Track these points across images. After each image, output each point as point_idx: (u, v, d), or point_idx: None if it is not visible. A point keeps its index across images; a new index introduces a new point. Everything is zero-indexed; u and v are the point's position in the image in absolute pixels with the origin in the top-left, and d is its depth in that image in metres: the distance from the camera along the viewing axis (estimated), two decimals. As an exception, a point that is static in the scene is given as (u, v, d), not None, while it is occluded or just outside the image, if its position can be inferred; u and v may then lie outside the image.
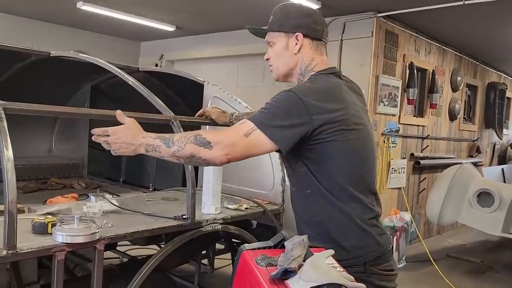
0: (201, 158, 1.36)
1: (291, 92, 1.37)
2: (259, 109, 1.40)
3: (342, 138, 1.39)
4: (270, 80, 5.56)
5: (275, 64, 1.58)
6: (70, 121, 3.56)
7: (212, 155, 1.34)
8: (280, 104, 1.36)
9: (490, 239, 5.57)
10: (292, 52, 1.52)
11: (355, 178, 1.44)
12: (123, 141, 1.46)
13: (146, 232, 1.68)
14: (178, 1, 4.52)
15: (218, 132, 1.40)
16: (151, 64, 6.44)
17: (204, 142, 1.34)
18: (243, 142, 1.34)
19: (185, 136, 1.38)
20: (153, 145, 1.42)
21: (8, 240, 1.29)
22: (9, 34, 5.31)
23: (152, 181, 3.00)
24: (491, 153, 7.71)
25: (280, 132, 1.33)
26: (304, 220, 1.52)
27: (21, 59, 2.88)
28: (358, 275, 1.37)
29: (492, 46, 5.64)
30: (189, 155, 1.37)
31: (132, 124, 1.50)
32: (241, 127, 1.35)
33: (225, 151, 1.33)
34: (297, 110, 1.34)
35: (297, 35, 1.51)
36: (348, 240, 1.43)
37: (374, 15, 4.34)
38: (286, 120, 1.34)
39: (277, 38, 1.55)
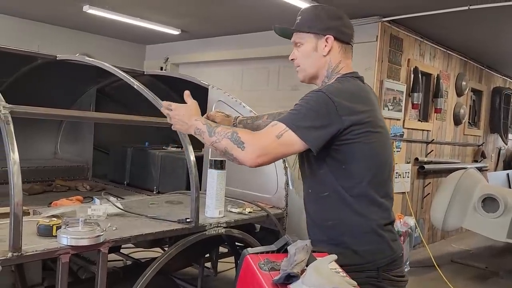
0: (233, 156, 1.40)
1: (321, 92, 1.39)
2: (289, 110, 1.42)
3: (367, 140, 1.41)
4: (274, 84, 5.57)
5: (303, 65, 1.57)
6: (75, 124, 3.57)
7: (244, 156, 1.37)
8: (310, 104, 1.38)
9: (495, 245, 5.53)
10: (321, 54, 1.53)
11: (376, 182, 1.45)
12: (180, 118, 1.57)
13: (150, 235, 1.69)
14: (184, 5, 4.54)
15: (253, 134, 1.42)
16: (156, 67, 6.47)
17: (238, 141, 1.37)
18: (275, 144, 1.36)
19: (225, 130, 1.43)
20: (200, 130, 1.50)
21: (13, 242, 1.30)
22: (15, 37, 5.36)
23: (156, 184, 3.01)
24: (496, 158, 7.67)
25: (311, 132, 1.35)
26: (317, 223, 1.52)
27: (28, 62, 2.90)
28: (370, 280, 1.41)
29: (497, 51, 5.62)
30: (223, 150, 1.42)
31: (192, 106, 1.61)
32: (273, 129, 1.37)
33: (256, 154, 1.36)
34: (327, 111, 1.36)
35: (328, 38, 1.51)
36: (362, 245, 1.43)
37: (379, 20, 4.34)
38: (317, 121, 1.35)
39: (306, 39, 1.54)
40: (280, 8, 4.17)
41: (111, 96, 3.63)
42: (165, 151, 3.11)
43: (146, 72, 3.31)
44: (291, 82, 5.28)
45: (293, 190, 2.32)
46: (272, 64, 5.52)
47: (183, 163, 2.78)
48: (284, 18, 4.75)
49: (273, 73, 5.57)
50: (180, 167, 2.85)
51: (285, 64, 5.39)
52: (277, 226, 2.18)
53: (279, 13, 4.35)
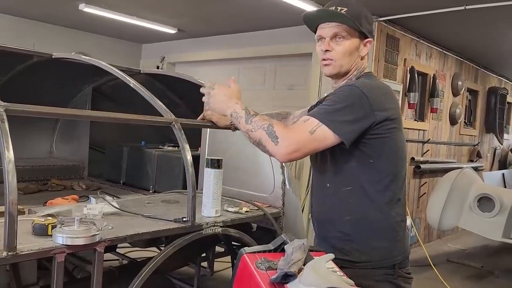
0: (266, 148, 1.41)
1: (354, 87, 1.40)
2: (321, 105, 1.43)
3: (394, 136, 1.44)
4: (270, 83, 5.57)
5: (341, 61, 1.50)
6: (71, 123, 3.55)
7: (277, 151, 1.38)
8: (344, 98, 1.39)
9: (490, 244, 5.56)
10: (360, 54, 1.53)
11: (398, 178, 1.48)
12: (221, 98, 1.58)
13: (146, 234, 1.68)
14: (180, 4, 4.53)
15: (287, 129, 1.41)
16: (153, 66, 6.45)
17: (273, 135, 1.37)
18: (308, 140, 1.36)
19: (262, 121, 1.42)
20: (238, 113, 1.50)
21: (8, 242, 1.29)
22: (11, 35, 5.33)
23: (152, 183, 3.00)
24: (491, 158, 7.70)
25: (345, 126, 1.36)
26: (332, 219, 1.50)
27: (23, 61, 2.88)
28: (387, 277, 1.43)
29: (493, 51, 5.65)
30: (257, 140, 1.42)
31: (235, 89, 1.61)
32: (306, 125, 1.37)
33: (289, 150, 1.36)
34: (361, 104, 1.37)
35: (369, 41, 1.53)
36: (381, 241, 1.44)
37: (375, 19, 4.35)
38: (351, 115, 1.36)
39: (352, 35, 1.48)
40: (276, 8, 4.16)
41: (107, 94, 3.61)
42: (161, 150, 3.10)
43: (142, 70, 3.30)
44: (288, 82, 5.28)
45: (290, 190, 2.32)
46: (269, 64, 5.52)
47: (179, 162, 2.78)
48: (279, 18, 4.77)
49: (269, 72, 5.57)
50: (176, 166, 2.84)
51: (281, 63, 5.39)
52: (274, 226, 2.18)
53: (275, 12, 4.35)
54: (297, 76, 5.17)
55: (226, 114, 1.58)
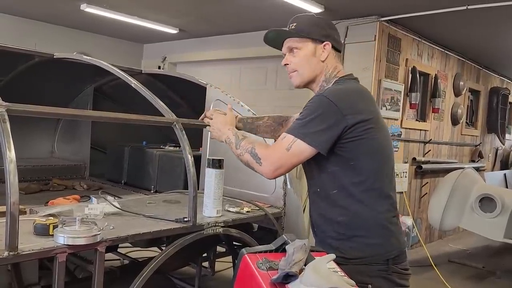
0: (254, 169, 1.54)
1: (322, 96, 1.48)
2: (295, 120, 1.52)
3: (371, 136, 1.48)
4: (272, 83, 5.57)
5: (301, 70, 1.63)
6: (72, 123, 3.56)
7: (262, 171, 1.52)
8: (314, 109, 1.46)
9: (492, 245, 5.55)
10: (319, 59, 1.61)
11: (383, 175, 1.52)
12: (217, 126, 1.79)
13: (147, 234, 1.68)
14: (182, 4, 4.53)
15: (267, 149, 1.54)
16: (154, 66, 6.46)
17: (256, 157, 1.52)
18: (286, 156, 1.46)
19: (247, 145, 1.57)
20: (230, 139, 1.67)
21: (9, 242, 1.29)
22: (13, 35, 5.34)
23: (153, 183, 3.00)
24: (493, 158, 7.69)
25: (318, 136, 1.44)
26: (327, 220, 1.55)
27: (25, 61, 2.89)
28: (381, 273, 1.47)
29: (495, 51, 5.64)
30: (246, 163, 1.57)
31: (228, 116, 1.84)
32: (283, 143, 1.48)
33: (272, 168, 1.49)
34: (331, 112, 1.44)
35: (326, 44, 1.60)
36: (373, 238, 1.48)
37: (377, 19, 4.35)
38: (322, 124, 1.44)
39: (304, 44, 1.60)
40: (277, 8, 4.16)
41: (109, 95, 3.62)
42: (162, 150, 3.10)
43: (143, 71, 3.30)
44: (289, 82, 5.24)
45: (291, 190, 2.31)
46: (270, 64, 5.52)
47: (180, 162, 2.78)
48: (281, 18, 4.76)
49: (271, 72, 5.57)
50: (177, 166, 2.84)
51: (283, 63, 5.39)
52: (275, 226, 2.18)
53: (276, 12, 4.34)
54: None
55: (221, 140, 1.74)
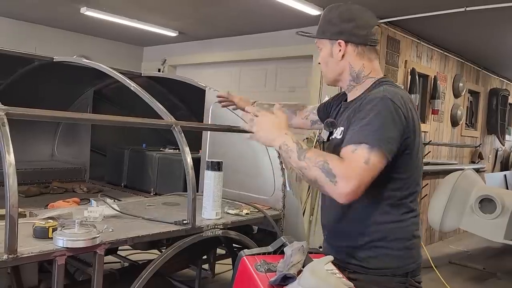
0: (324, 189, 1.28)
1: (386, 98, 1.34)
2: (360, 126, 1.32)
3: (415, 150, 1.40)
4: (272, 85, 5.58)
5: (324, 70, 1.58)
6: (72, 126, 3.57)
7: (336, 191, 1.25)
8: (383, 114, 1.31)
9: (492, 246, 5.54)
10: (337, 59, 1.51)
11: (415, 190, 1.45)
12: (267, 126, 1.44)
13: (146, 237, 1.69)
14: (181, 7, 4.54)
15: (343, 164, 1.26)
16: (154, 69, 6.47)
17: (330, 174, 1.25)
18: (366, 172, 1.25)
19: (316, 157, 1.29)
20: (288, 147, 1.37)
21: (9, 245, 1.30)
22: (12, 38, 5.35)
23: (153, 185, 3.00)
24: (493, 159, 7.68)
25: (391, 145, 1.30)
26: (347, 230, 1.48)
27: (25, 64, 2.90)
28: (399, 286, 1.43)
29: (494, 52, 5.64)
30: (312, 179, 1.30)
31: (283, 118, 1.47)
32: (358, 155, 1.26)
33: (351, 187, 1.22)
34: (399, 118, 1.32)
35: (339, 42, 1.49)
36: (397, 250, 1.43)
37: (376, 21, 4.35)
38: (394, 130, 1.31)
39: (324, 44, 1.54)
40: (277, 10, 4.17)
41: (109, 97, 3.63)
42: (162, 153, 3.10)
43: (143, 73, 3.31)
44: (289, 83, 5.29)
45: (290, 192, 2.32)
46: (270, 66, 5.53)
47: (180, 165, 2.78)
48: (281, 20, 4.78)
49: (270, 74, 5.58)
50: (177, 168, 2.85)
51: (282, 65, 5.40)
52: (275, 228, 2.18)
53: (276, 15, 4.36)
54: (298, 78, 5.17)
55: (273, 145, 1.43)
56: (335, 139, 1.50)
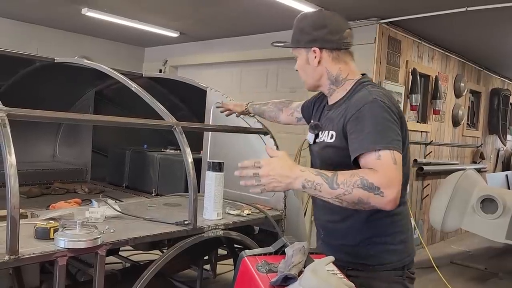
0: (370, 204, 1.26)
1: (378, 101, 1.37)
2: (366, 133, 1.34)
3: (406, 144, 1.44)
4: (273, 85, 5.58)
5: (303, 77, 1.62)
6: (74, 127, 3.57)
7: (386, 202, 1.25)
8: (382, 116, 1.35)
9: (494, 246, 5.53)
10: (313, 65, 1.54)
11: (405, 183, 1.47)
12: (278, 172, 1.33)
13: (148, 237, 1.69)
14: (183, 8, 4.55)
15: (379, 174, 1.26)
16: (155, 70, 6.47)
17: (373, 187, 1.24)
18: (398, 172, 1.28)
19: (350, 179, 1.26)
20: (313, 182, 1.30)
21: (10, 245, 1.30)
22: (14, 40, 5.36)
23: (154, 186, 3.01)
24: (495, 159, 7.67)
25: (399, 142, 1.34)
26: (344, 228, 1.51)
27: (26, 65, 2.91)
28: (398, 279, 1.48)
29: (495, 52, 5.64)
30: (356, 200, 1.26)
31: (286, 156, 1.38)
32: (386, 160, 1.28)
33: (396, 192, 1.25)
34: (393, 116, 1.37)
35: (314, 50, 1.52)
36: (396, 244, 1.49)
37: (377, 22, 4.35)
38: (397, 129, 1.36)
39: (299, 52, 1.57)
40: (278, 11, 4.17)
41: (110, 98, 3.63)
42: (163, 154, 3.11)
43: (144, 74, 3.32)
44: (290, 84, 5.29)
45: (291, 192, 2.32)
46: (271, 66, 5.53)
47: (181, 165, 2.79)
48: (282, 20, 4.78)
49: (271, 75, 5.58)
50: (178, 169, 2.85)
51: (283, 66, 5.40)
52: (276, 228, 2.18)
53: (276, 15, 4.36)
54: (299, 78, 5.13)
55: (294, 188, 1.35)
56: (324, 142, 1.52)
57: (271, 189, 1.36)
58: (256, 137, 2.42)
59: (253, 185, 1.39)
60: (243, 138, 2.49)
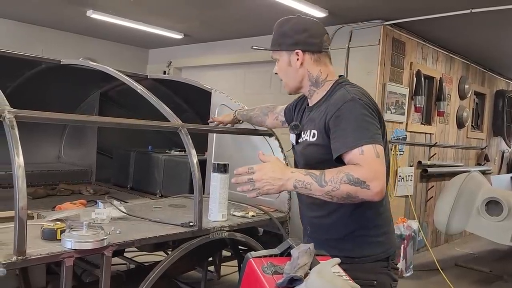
0: (358, 198, 1.32)
1: (356, 100, 1.43)
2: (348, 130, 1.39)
3: (385, 138, 1.50)
4: (277, 87, 5.58)
5: (284, 79, 1.66)
6: (79, 128, 3.59)
7: (372, 195, 1.31)
8: (359, 112, 1.41)
9: (498, 248, 5.51)
10: (296, 67, 1.59)
11: (387, 175, 1.50)
12: (270, 176, 1.40)
13: (153, 239, 1.70)
14: (187, 10, 4.56)
15: (364, 168, 1.32)
16: (159, 71, 6.49)
17: (359, 182, 1.30)
18: (381, 164, 1.34)
19: (337, 175, 1.32)
20: (303, 182, 1.37)
21: (18, 246, 1.31)
22: (20, 41, 5.39)
23: (159, 187, 3.02)
24: (499, 161, 7.64)
25: (379, 135, 1.41)
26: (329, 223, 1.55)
27: (32, 67, 2.92)
28: (383, 270, 1.52)
29: (500, 54, 5.62)
30: (345, 195, 1.32)
31: (277, 161, 1.46)
32: (369, 155, 1.33)
33: (381, 184, 1.31)
34: (372, 113, 1.42)
35: (297, 52, 1.57)
36: (380, 236, 1.53)
37: (381, 23, 4.35)
38: (376, 123, 1.42)
39: (280, 55, 1.61)
40: (281, 13, 4.18)
41: (115, 100, 3.65)
42: (168, 155, 3.12)
43: (149, 76, 3.33)
44: (294, 86, 5.29)
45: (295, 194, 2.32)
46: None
47: (186, 167, 2.79)
48: (286, 22, 4.78)
49: (275, 76, 5.51)
50: (183, 170, 2.86)
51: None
52: (280, 230, 2.19)
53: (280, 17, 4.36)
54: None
55: (286, 189, 1.41)
56: (307, 141, 1.57)
57: (265, 192, 1.42)
58: (261, 139, 2.43)
59: (248, 190, 1.45)
60: (247, 140, 2.50)
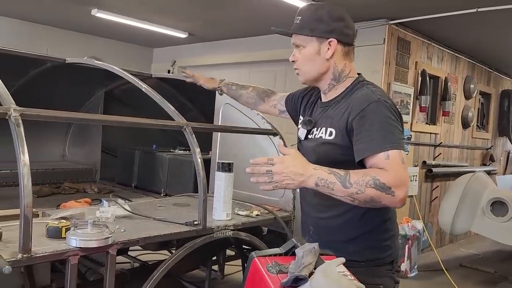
0: (381, 203, 1.30)
1: (382, 101, 1.39)
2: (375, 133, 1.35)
3: None
4: (281, 86, 5.57)
5: (304, 68, 1.54)
6: (83, 126, 3.60)
7: (395, 202, 1.29)
8: (387, 115, 1.37)
9: (504, 249, 5.48)
10: (324, 57, 1.49)
11: None
12: (291, 170, 1.32)
13: (158, 237, 1.70)
14: (191, 9, 4.56)
15: (390, 174, 1.29)
16: (164, 70, 6.50)
17: (385, 187, 1.27)
18: (406, 171, 1.34)
19: (363, 178, 1.29)
20: (326, 180, 1.31)
21: (23, 244, 1.31)
22: (25, 40, 5.42)
23: (163, 186, 3.02)
24: (505, 161, 7.60)
25: (403, 140, 1.39)
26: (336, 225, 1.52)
27: (37, 66, 2.93)
28: (388, 273, 1.50)
29: (506, 54, 5.59)
30: (368, 199, 1.30)
31: (299, 155, 1.38)
32: (394, 160, 1.31)
33: (404, 193, 1.29)
34: (396, 116, 1.40)
35: (331, 41, 1.47)
36: (386, 240, 1.51)
37: (386, 22, 4.34)
38: (399, 128, 1.39)
39: (308, 42, 1.49)
40: (287, 11, 4.17)
41: (119, 98, 3.65)
42: (172, 154, 3.12)
43: (154, 75, 3.33)
44: (298, 85, 5.26)
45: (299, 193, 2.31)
46: (279, 67, 5.53)
47: (190, 166, 2.79)
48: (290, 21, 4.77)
49: (280, 75, 5.58)
50: (187, 169, 2.86)
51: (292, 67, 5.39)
52: (285, 229, 2.18)
53: (286, 16, 4.35)
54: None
55: (307, 185, 1.34)
56: (322, 138, 1.50)
57: (283, 186, 1.36)
58: (265, 138, 2.42)
59: (265, 182, 1.38)
60: (252, 139, 2.49)
